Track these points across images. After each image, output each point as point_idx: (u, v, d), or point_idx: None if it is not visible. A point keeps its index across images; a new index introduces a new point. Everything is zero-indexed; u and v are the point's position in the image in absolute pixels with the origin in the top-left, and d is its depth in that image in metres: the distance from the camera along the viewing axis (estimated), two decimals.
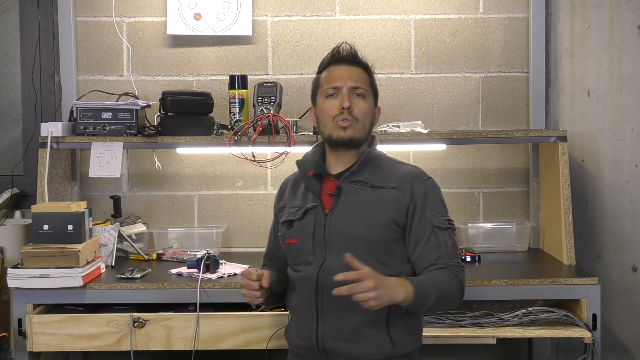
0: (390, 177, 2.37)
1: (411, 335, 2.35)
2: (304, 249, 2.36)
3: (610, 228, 3.64)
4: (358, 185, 2.36)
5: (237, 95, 3.39)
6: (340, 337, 2.30)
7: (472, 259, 3.31)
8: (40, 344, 2.90)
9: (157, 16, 3.65)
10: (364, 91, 2.38)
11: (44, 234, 2.95)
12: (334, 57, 2.43)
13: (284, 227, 2.42)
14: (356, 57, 2.44)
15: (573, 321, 2.94)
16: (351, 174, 2.37)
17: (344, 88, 2.36)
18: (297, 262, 2.39)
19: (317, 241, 2.34)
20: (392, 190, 2.34)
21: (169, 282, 2.99)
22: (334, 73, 2.40)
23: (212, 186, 3.70)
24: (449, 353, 3.65)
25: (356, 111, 2.35)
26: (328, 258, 2.32)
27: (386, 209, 2.32)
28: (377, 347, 2.29)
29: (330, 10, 3.65)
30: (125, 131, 3.31)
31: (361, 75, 2.41)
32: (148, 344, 2.88)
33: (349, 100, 2.34)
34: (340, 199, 2.35)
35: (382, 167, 2.40)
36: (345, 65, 2.41)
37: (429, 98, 3.67)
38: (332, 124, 2.36)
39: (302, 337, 2.36)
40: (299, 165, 2.47)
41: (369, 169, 2.38)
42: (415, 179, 2.36)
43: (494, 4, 3.64)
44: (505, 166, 3.69)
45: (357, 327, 2.29)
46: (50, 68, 3.67)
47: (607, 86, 3.62)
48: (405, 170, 2.41)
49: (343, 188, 2.36)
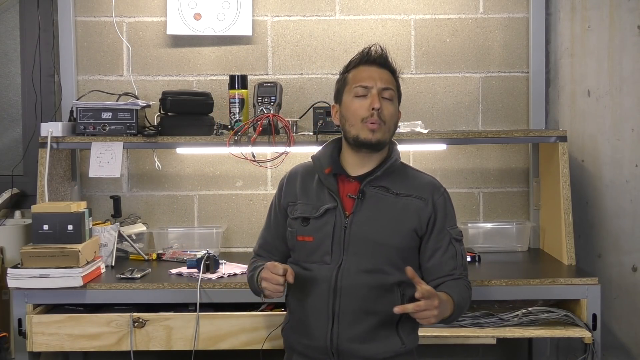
0: (411, 185, 2.40)
1: (415, 334, 2.42)
2: (320, 248, 2.36)
3: (610, 228, 3.64)
4: (380, 190, 2.37)
5: (237, 95, 3.39)
6: (355, 339, 2.31)
7: (472, 259, 3.31)
8: (40, 344, 2.90)
9: (157, 16, 3.65)
10: (392, 94, 2.39)
11: (44, 234, 2.95)
12: (365, 57, 2.42)
13: (298, 223, 2.40)
14: (387, 60, 2.44)
15: (573, 321, 2.94)
16: (375, 178, 2.37)
17: (374, 89, 2.35)
18: (310, 260, 2.38)
19: (337, 242, 2.34)
20: (415, 200, 2.37)
21: (169, 282, 2.99)
22: (364, 73, 2.39)
23: (212, 186, 3.70)
24: (449, 353, 3.65)
25: (385, 113, 2.35)
26: (346, 260, 2.33)
27: (409, 217, 2.35)
28: (388, 346, 2.33)
29: (330, 10, 3.65)
30: (125, 131, 3.31)
31: (390, 79, 2.41)
32: (148, 344, 2.88)
33: (380, 102, 2.34)
34: (364, 202, 2.35)
35: (402, 174, 2.43)
36: (375, 67, 2.41)
37: (429, 98, 3.67)
38: (360, 124, 2.34)
39: (313, 337, 2.35)
40: (315, 160, 2.45)
41: (390, 175, 2.40)
42: (435, 191, 2.42)
43: (494, 4, 3.64)
44: (505, 166, 3.69)
45: (372, 328, 2.31)
46: (50, 68, 3.67)
47: (607, 86, 3.62)
48: (425, 180, 2.45)
49: (366, 192, 2.36)
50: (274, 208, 2.55)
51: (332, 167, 2.39)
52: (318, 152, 2.48)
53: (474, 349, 3.65)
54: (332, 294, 2.32)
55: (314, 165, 2.44)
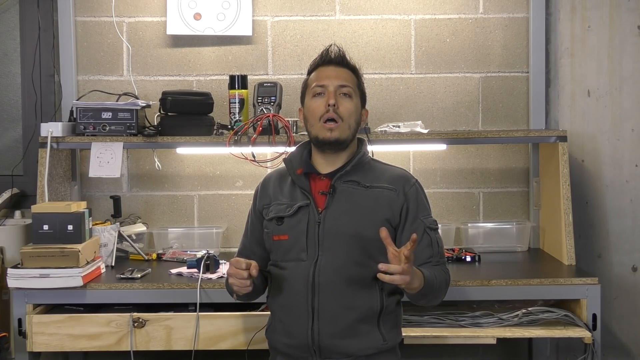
0: (381, 177, 2.42)
1: (397, 329, 2.43)
2: (295, 246, 2.38)
3: (610, 228, 3.64)
4: (351, 184, 2.40)
5: (237, 95, 3.39)
6: (336, 334, 2.32)
7: (472, 259, 3.31)
8: (40, 344, 2.90)
9: (157, 16, 3.65)
10: (350, 90, 2.41)
11: (44, 234, 2.95)
12: (323, 58, 2.47)
13: (273, 223, 2.43)
14: (344, 59, 2.47)
15: (573, 321, 2.94)
16: (344, 173, 2.40)
17: (330, 86, 2.39)
18: (287, 259, 2.40)
19: (311, 238, 2.36)
20: (386, 191, 2.39)
21: (169, 282, 2.99)
22: (322, 73, 2.43)
23: (212, 186, 3.70)
24: (449, 353, 3.65)
25: (342, 109, 2.38)
26: (322, 255, 2.34)
27: (381, 207, 2.37)
28: (369, 342, 2.34)
29: (330, 10, 3.65)
30: (125, 131, 3.31)
31: (348, 76, 2.44)
32: (148, 344, 2.88)
33: (335, 98, 2.37)
34: (335, 197, 2.38)
35: (372, 168, 2.45)
36: (333, 66, 2.45)
37: (429, 98, 3.67)
38: (318, 124, 2.38)
39: (293, 335, 2.36)
40: (286, 163, 2.49)
41: (360, 170, 2.42)
42: (406, 181, 2.43)
43: (494, 4, 3.64)
44: (505, 166, 3.69)
45: (353, 324, 2.32)
46: (50, 68, 3.67)
47: (607, 86, 3.62)
48: (396, 172, 2.47)
49: (337, 187, 2.39)
50: (250, 215, 2.58)
51: (303, 167, 2.43)
52: (290, 154, 2.53)
53: (474, 349, 3.65)
54: (311, 290, 2.34)
55: (286, 167, 2.48)
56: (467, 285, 2.94)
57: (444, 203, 3.68)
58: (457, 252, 3.36)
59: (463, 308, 3.04)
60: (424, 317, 2.98)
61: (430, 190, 3.66)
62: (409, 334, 2.86)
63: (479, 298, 3.02)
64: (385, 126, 3.37)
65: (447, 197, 3.68)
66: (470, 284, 2.95)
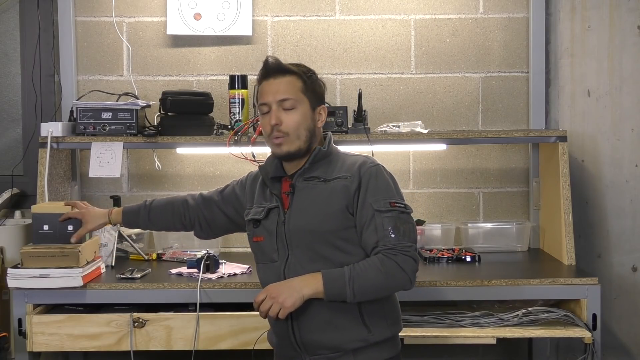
0: (340, 168, 2.41)
1: (387, 320, 2.37)
2: (268, 247, 2.41)
3: (610, 228, 3.64)
4: (311, 181, 2.40)
5: (237, 95, 3.40)
6: (315, 329, 2.33)
7: (472, 259, 3.31)
8: (40, 344, 2.90)
9: (157, 16, 3.65)
10: (292, 102, 2.38)
11: (44, 234, 2.95)
12: (262, 71, 2.43)
13: (250, 225, 2.47)
14: (281, 67, 2.41)
15: (573, 321, 2.94)
16: (303, 171, 2.41)
17: (272, 104, 2.38)
18: (264, 261, 2.44)
19: (280, 239, 2.38)
20: (342, 180, 2.37)
21: (169, 282, 2.99)
22: (263, 89, 2.42)
23: (212, 186, 3.64)
24: (449, 353, 3.65)
25: (284, 125, 2.37)
26: (292, 254, 2.36)
27: (337, 198, 2.36)
28: (352, 334, 2.32)
29: (330, 10, 3.65)
30: (125, 131, 3.31)
31: (288, 86, 2.39)
32: (148, 344, 2.89)
33: (276, 117, 2.37)
34: (295, 195, 2.40)
35: (334, 161, 2.44)
36: (272, 78, 2.40)
37: (429, 98, 3.67)
38: (269, 140, 2.42)
39: (280, 335, 2.40)
40: (260, 169, 2.52)
41: (321, 165, 2.42)
42: (362, 166, 2.38)
43: (494, 4, 3.64)
44: (505, 166, 3.69)
45: (330, 318, 2.32)
46: (50, 68, 3.67)
47: (607, 86, 3.62)
48: (354, 159, 2.43)
49: (297, 185, 2.41)
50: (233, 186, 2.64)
51: (272, 171, 2.46)
52: (265, 160, 2.54)
53: (474, 349, 3.65)
54: None
55: (261, 173, 2.52)
56: (467, 285, 2.95)
57: (444, 203, 3.68)
58: (457, 252, 3.37)
59: (463, 308, 3.04)
60: (424, 317, 2.98)
61: (430, 190, 3.67)
62: (409, 334, 2.86)
63: (479, 298, 3.02)
64: (385, 126, 3.37)
65: (447, 197, 3.69)
66: (470, 284, 2.95)
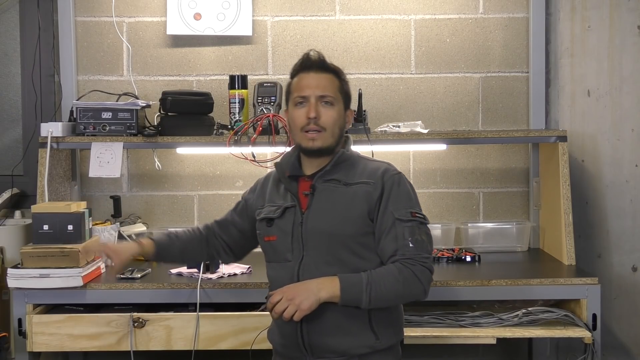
0: (362, 173, 2.41)
1: (393, 328, 2.39)
2: (282, 247, 2.40)
3: (610, 228, 3.64)
4: (332, 183, 2.40)
5: (237, 95, 3.39)
6: (324, 333, 2.32)
7: (472, 259, 3.31)
8: (40, 344, 2.90)
9: (157, 16, 3.65)
10: (331, 99, 2.40)
11: (44, 234, 2.95)
12: (303, 64, 2.45)
13: (263, 224, 2.46)
14: (324, 64, 2.45)
15: (573, 321, 2.94)
16: (324, 173, 2.41)
17: (311, 97, 2.38)
18: (276, 260, 2.42)
19: (296, 239, 2.37)
20: (364, 185, 2.38)
21: (169, 282, 2.99)
22: (303, 81, 2.42)
23: (212, 186, 3.70)
24: (449, 353, 3.65)
25: (323, 120, 2.37)
26: (307, 255, 2.35)
27: (359, 203, 2.36)
28: (361, 340, 2.32)
29: (330, 10, 3.65)
30: (125, 131, 3.31)
31: (329, 83, 2.42)
32: (148, 344, 2.89)
33: (316, 110, 2.36)
34: (315, 197, 2.39)
35: (355, 165, 2.44)
36: (313, 72, 2.43)
37: (429, 98, 3.67)
38: (300, 133, 2.39)
39: (286, 335, 2.37)
40: (277, 166, 2.51)
41: (342, 168, 2.42)
42: (385, 173, 2.39)
43: (494, 4, 3.64)
44: (505, 166, 3.69)
45: (341, 322, 2.31)
46: (50, 68, 3.67)
47: (607, 86, 3.62)
48: (376, 165, 2.44)
49: (317, 187, 2.40)
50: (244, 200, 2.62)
51: (290, 170, 2.45)
52: (282, 157, 2.54)
53: (474, 349, 3.65)
54: None
55: (277, 171, 2.51)
56: (467, 285, 2.95)
57: (444, 203, 3.68)
58: (457, 252, 3.37)
59: (463, 308, 3.04)
60: (424, 317, 2.98)
61: (430, 190, 3.67)
62: (409, 334, 2.86)
63: (479, 298, 3.02)
64: (385, 126, 3.37)
65: (447, 197, 3.68)
66: (470, 284, 2.95)
